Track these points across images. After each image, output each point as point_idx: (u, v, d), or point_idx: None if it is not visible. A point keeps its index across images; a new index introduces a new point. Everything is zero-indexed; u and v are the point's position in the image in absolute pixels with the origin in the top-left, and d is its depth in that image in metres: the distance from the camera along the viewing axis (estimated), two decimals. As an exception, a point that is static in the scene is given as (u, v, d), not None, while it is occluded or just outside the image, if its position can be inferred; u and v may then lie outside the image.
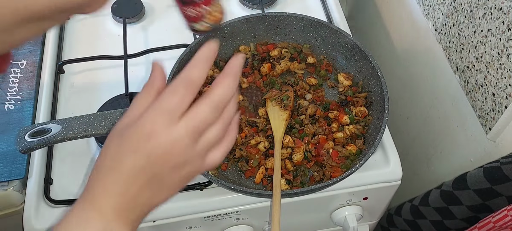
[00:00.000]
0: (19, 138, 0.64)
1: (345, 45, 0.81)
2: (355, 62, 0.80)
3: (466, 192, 0.71)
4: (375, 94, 0.76)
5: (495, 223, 0.63)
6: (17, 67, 0.88)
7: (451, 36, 0.78)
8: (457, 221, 0.75)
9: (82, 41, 0.94)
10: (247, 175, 0.72)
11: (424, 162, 0.99)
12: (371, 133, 0.74)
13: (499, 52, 0.66)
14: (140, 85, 0.85)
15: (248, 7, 0.97)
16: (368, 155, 0.67)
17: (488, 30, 0.67)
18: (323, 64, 0.83)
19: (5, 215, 0.77)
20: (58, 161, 0.76)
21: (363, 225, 0.89)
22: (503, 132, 0.69)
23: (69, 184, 0.74)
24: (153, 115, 0.42)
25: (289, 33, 0.85)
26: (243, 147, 0.73)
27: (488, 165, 0.68)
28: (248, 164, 0.72)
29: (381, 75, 0.74)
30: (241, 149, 0.73)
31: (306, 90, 0.80)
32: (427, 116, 0.95)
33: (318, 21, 0.82)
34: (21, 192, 0.76)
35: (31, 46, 0.91)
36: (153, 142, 0.41)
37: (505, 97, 0.66)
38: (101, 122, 0.66)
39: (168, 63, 0.78)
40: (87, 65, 0.88)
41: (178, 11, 0.54)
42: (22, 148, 0.63)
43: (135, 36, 0.94)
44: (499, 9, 0.64)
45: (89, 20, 0.97)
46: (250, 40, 0.85)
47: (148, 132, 0.41)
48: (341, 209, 0.79)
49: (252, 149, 0.73)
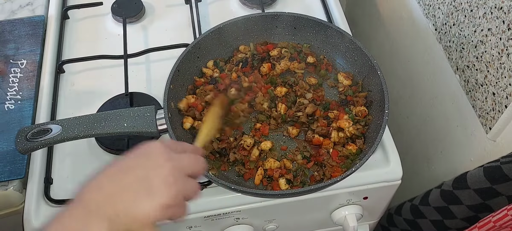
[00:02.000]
0: (18, 139, 0.63)
1: (345, 45, 0.81)
2: (355, 62, 0.80)
3: (466, 192, 0.71)
4: (375, 93, 0.76)
5: (495, 222, 0.63)
6: (17, 67, 0.88)
7: (451, 36, 0.78)
8: (457, 220, 0.75)
9: (82, 41, 0.94)
10: (246, 178, 0.72)
11: (424, 161, 0.99)
12: (371, 133, 0.74)
13: (499, 52, 0.66)
14: (140, 84, 0.85)
15: (248, 7, 0.97)
16: (368, 154, 0.67)
17: (488, 29, 0.67)
18: (323, 63, 0.83)
19: (5, 214, 0.77)
20: (58, 161, 0.76)
21: (363, 225, 0.89)
22: (503, 131, 0.69)
23: (69, 184, 0.74)
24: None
25: (289, 33, 0.85)
26: (237, 150, 0.73)
27: (488, 165, 0.68)
28: (245, 166, 0.72)
29: (381, 75, 0.74)
30: (234, 152, 0.73)
31: (306, 90, 0.80)
32: (427, 115, 0.95)
33: (318, 21, 0.82)
34: (21, 191, 0.76)
35: (31, 46, 0.91)
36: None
37: (505, 96, 0.66)
38: (101, 122, 0.66)
39: (168, 63, 0.78)
40: (87, 65, 0.88)
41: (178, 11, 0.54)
42: (21, 149, 0.63)
43: (135, 36, 0.94)
44: (499, 9, 0.64)
45: (89, 20, 0.97)
46: (250, 40, 0.85)
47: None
48: (341, 209, 0.79)
49: (245, 152, 0.73)
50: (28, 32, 0.93)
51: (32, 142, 0.63)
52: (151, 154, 0.51)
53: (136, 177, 0.49)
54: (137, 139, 0.76)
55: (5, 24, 0.95)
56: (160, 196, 0.48)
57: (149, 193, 0.48)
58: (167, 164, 0.49)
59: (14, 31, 0.94)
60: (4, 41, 0.92)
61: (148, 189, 0.48)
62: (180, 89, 0.78)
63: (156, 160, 0.50)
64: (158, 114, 0.69)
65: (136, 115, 0.68)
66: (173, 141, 0.58)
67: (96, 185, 0.49)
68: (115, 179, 0.49)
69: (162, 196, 0.48)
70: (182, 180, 0.50)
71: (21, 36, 0.93)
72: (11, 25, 0.95)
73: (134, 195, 0.48)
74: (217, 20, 0.84)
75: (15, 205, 0.76)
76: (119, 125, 0.67)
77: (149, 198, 0.47)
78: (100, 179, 0.50)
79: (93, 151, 0.77)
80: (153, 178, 0.48)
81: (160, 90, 0.78)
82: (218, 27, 0.81)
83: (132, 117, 0.68)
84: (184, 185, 0.50)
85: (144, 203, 0.47)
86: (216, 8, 0.99)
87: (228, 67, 0.82)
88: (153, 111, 0.69)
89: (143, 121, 0.68)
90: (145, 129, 0.68)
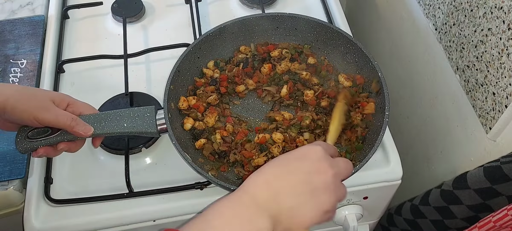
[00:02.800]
0: (19, 138, 0.63)
1: (346, 46, 0.80)
2: (356, 63, 0.80)
3: (466, 192, 0.71)
4: (375, 95, 0.76)
5: (496, 222, 0.63)
6: (17, 67, 0.88)
7: (452, 36, 0.78)
8: (457, 220, 0.75)
9: (82, 41, 0.94)
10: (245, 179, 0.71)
11: (424, 161, 0.99)
12: (371, 134, 0.74)
13: (500, 52, 0.66)
14: (140, 84, 0.85)
15: (248, 7, 0.97)
16: (369, 156, 0.67)
17: (489, 29, 0.67)
18: (324, 65, 0.82)
19: (5, 214, 0.77)
20: (58, 161, 0.76)
21: (363, 225, 0.89)
22: (503, 131, 0.69)
23: (69, 184, 0.74)
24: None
25: (289, 34, 0.85)
26: (237, 151, 0.73)
27: (488, 164, 0.68)
28: (244, 168, 0.72)
29: (382, 76, 0.74)
30: (235, 153, 0.73)
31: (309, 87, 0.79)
32: (427, 115, 0.95)
33: (320, 22, 0.82)
34: (21, 191, 0.76)
35: (31, 45, 0.91)
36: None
37: (505, 96, 0.66)
38: (101, 122, 0.66)
39: (168, 63, 0.78)
40: (87, 65, 0.88)
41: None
42: (21, 148, 0.63)
43: (135, 36, 0.94)
44: (499, 8, 0.64)
45: (89, 20, 0.97)
46: (250, 40, 0.85)
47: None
48: (341, 209, 0.79)
49: (246, 153, 0.73)
50: (28, 32, 0.93)
51: (33, 141, 0.63)
52: (314, 158, 0.52)
53: (301, 180, 0.50)
54: (137, 138, 0.77)
55: (5, 23, 0.95)
56: (323, 202, 0.50)
57: (313, 197, 0.50)
58: (329, 171, 0.52)
59: (14, 30, 0.94)
60: (4, 41, 0.92)
61: (312, 193, 0.50)
62: (180, 89, 0.78)
63: (319, 165, 0.52)
64: (158, 114, 0.69)
65: (136, 115, 0.68)
66: (326, 143, 0.59)
67: (264, 181, 0.51)
68: (282, 179, 0.51)
69: (325, 202, 0.50)
70: (339, 186, 0.53)
71: (21, 36, 0.93)
72: (11, 24, 0.95)
73: (299, 198, 0.49)
74: (217, 20, 0.84)
75: (15, 205, 0.76)
76: (119, 125, 0.67)
77: (312, 203, 0.50)
78: (267, 176, 0.51)
79: (93, 150, 0.77)
80: (318, 183, 0.50)
81: (160, 90, 0.78)
82: (219, 28, 0.81)
83: (132, 117, 0.68)
84: (341, 191, 0.53)
85: (307, 208, 0.49)
86: (216, 8, 0.99)
87: (228, 68, 0.82)
88: (153, 111, 0.69)
89: (143, 121, 0.68)
90: (145, 129, 0.68)
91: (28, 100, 0.61)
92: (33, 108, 0.60)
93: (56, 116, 0.61)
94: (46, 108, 0.61)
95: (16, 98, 0.60)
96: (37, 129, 0.63)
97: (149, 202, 0.71)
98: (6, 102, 0.59)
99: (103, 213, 0.70)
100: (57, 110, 0.62)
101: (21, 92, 0.61)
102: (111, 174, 0.75)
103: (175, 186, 0.72)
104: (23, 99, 0.60)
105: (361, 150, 0.73)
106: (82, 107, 0.66)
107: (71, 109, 0.65)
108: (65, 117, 0.62)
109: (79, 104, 0.66)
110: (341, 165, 0.54)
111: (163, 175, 0.74)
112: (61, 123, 0.62)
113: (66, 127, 0.62)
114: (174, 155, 0.71)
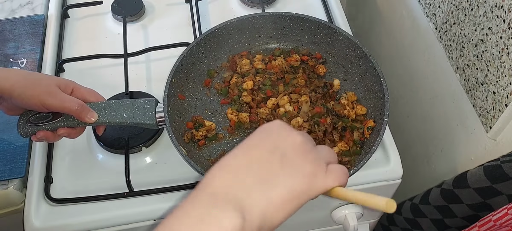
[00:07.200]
0: (20, 122, 0.64)
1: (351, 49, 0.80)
2: (360, 67, 0.79)
3: (466, 191, 0.71)
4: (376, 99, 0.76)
5: (496, 221, 0.63)
6: (17, 66, 0.88)
7: (452, 35, 0.78)
8: (457, 219, 0.75)
9: (82, 40, 0.94)
10: None
11: (424, 160, 0.99)
12: (370, 136, 0.74)
13: (500, 51, 0.66)
14: (140, 83, 0.85)
15: (248, 6, 0.97)
16: (367, 158, 0.66)
17: (489, 28, 0.67)
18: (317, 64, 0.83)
19: (6, 213, 0.77)
20: (58, 160, 0.76)
21: (363, 224, 0.89)
22: (503, 130, 0.69)
23: (70, 183, 0.74)
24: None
25: (291, 34, 0.85)
26: None
27: (488, 164, 0.68)
28: None
29: (384, 81, 0.73)
30: None
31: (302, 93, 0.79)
32: (428, 114, 0.95)
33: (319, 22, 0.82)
34: (21, 190, 0.76)
35: (31, 45, 0.91)
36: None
37: (505, 95, 0.66)
38: (101, 111, 0.67)
39: (168, 62, 0.78)
40: (87, 64, 0.88)
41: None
42: (23, 132, 0.64)
43: (135, 35, 0.94)
44: (499, 8, 0.64)
45: (89, 19, 0.97)
46: (251, 40, 0.85)
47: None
48: (342, 208, 0.79)
49: None
50: (28, 31, 0.93)
51: (34, 125, 0.64)
52: (273, 129, 0.44)
53: (265, 150, 0.41)
54: (137, 137, 0.77)
55: (5, 23, 0.95)
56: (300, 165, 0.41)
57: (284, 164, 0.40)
58: (297, 135, 0.43)
59: (14, 30, 0.94)
60: (4, 40, 0.92)
61: (282, 161, 0.41)
62: (182, 84, 0.78)
63: (282, 132, 0.43)
64: (158, 107, 0.70)
65: (136, 106, 0.68)
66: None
67: (220, 168, 0.41)
68: (241, 157, 0.42)
69: (303, 165, 0.41)
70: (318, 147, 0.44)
71: (21, 35, 0.93)
72: (11, 24, 0.95)
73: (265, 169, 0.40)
74: (217, 19, 0.84)
75: (15, 204, 0.76)
76: (118, 115, 0.67)
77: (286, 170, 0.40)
78: (224, 162, 0.42)
79: (93, 149, 0.77)
80: (285, 149, 0.41)
81: (160, 89, 0.78)
82: (225, 24, 0.81)
83: (132, 108, 0.68)
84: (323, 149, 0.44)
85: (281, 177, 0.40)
86: (216, 7, 0.98)
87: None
88: (153, 104, 0.69)
89: (142, 112, 0.68)
90: (144, 120, 0.68)
91: (34, 85, 0.61)
92: (40, 93, 0.61)
93: (63, 101, 0.62)
94: (53, 93, 0.62)
95: (23, 84, 0.60)
96: (39, 114, 0.64)
97: (149, 201, 0.71)
98: (13, 88, 0.60)
99: (103, 212, 0.70)
100: (64, 95, 0.63)
101: (27, 77, 0.62)
102: (111, 173, 0.75)
103: (175, 185, 0.72)
104: (29, 84, 0.61)
105: (359, 155, 0.72)
106: (86, 93, 0.67)
107: (75, 95, 0.65)
108: (72, 102, 0.62)
109: (83, 90, 0.67)
110: (319, 147, 0.45)
111: (163, 174, 0.74)
112: (68, 108, 0.62)
113: (72, 112, 0.63)
114: (174, 154, 0.71)
